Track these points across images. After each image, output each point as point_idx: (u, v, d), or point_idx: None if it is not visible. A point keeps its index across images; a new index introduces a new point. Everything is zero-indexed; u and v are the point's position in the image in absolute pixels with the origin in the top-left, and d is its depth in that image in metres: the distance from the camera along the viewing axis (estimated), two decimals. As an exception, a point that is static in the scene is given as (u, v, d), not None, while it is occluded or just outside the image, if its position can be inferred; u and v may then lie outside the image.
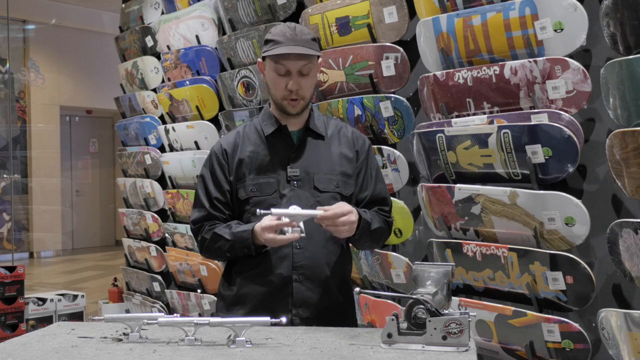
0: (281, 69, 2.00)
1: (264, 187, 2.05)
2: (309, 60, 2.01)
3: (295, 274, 2.01)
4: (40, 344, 1.68)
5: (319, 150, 2.10)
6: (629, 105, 2.13)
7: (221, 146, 2.12)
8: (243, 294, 2.06)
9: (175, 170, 4.51)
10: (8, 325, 4.85)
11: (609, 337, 2.20)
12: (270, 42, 2.02)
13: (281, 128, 2.10)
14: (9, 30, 9.44)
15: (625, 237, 2.14)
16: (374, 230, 2.05)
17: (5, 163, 9.79)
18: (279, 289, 2.02)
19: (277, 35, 2.01)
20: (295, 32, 2.00)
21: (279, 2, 3.58)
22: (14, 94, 10.14)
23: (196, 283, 4.32)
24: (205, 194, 2.11)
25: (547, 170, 2.39)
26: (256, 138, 2.11)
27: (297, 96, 2.02)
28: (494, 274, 2.54)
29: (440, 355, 1.51)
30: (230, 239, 2.01)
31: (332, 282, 2.06)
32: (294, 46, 1.97)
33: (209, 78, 4.18)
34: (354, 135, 2.16)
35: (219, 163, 2.10)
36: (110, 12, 8.89)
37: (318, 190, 2.04)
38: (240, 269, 2.08)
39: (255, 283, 2.04)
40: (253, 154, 2.08)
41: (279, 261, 2.02)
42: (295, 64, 1.99)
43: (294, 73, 2.00)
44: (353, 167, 2.11)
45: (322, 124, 2.14)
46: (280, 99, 2.04)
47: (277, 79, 2.02)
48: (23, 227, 10.27)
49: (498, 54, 2.57)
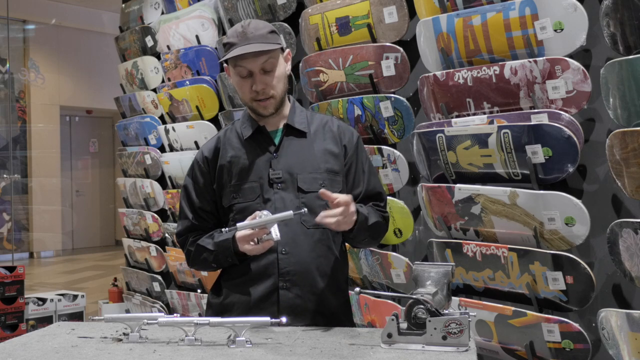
0: (242, 71, 1.91)
1: (246, 192, 1.96)
2: (268, 55, 1.89)
3: (282, 280, 1.91)
4: (40, 344, 1.68)
5: (302, 149, 1.99)
6: (629, 105, 2.13)
7: (202, 154, 2.04)
8: (229, 303, 1.98)
9: (175, 170, 4.51)
10: (8, 325, 4.85)
11: (609, 337, 2.20)
12: (226, 45, 1.92)
13: (260, 129, 2.00)
14: (9, 30, 9.44)
15: (625, 237, 2.14)
16: (372, 225, 1.95)
17: (5, 163, 9.79)
18: (265, 296, 1.93)
19: (231, 36, 1.91)
20: (248, 28, 1.89)
21: (279, 2, 3.58)
22: (14, 94, 10.15)
23: (196, 283, 4.32)
24: (189, 204, 2.03)
25: (547, 170, 2.39)
26: (236, 142, 2.02)
27: (265, 95, 1.92)
28: (494, 274, 2.54)
29: (440, 355, 1.51)
30: (214, 249, 1.95)
31: (324, 287, 1.95)
32: (248, 45, 1.86)
33: (209, 78, 4.18)
34: (340, 129, 2.04)
35: (201, 171, 2.03)
36: (110, 12, 8.90)
37: (302, 191, 1.94)
38: (227, 277, 2.01)
39: (241, 291, 1.96)
40: (234, 158, 1.99)
41: (265, 268, 1.93)
42: (255, 63, 1.89)
43: (256, 72, 1.90)
44: (340, 163, 2.00)
45: (304, 120, 2.03)
46: (249, 101, 1.96)
47: (241, 81, 1.93)
48: (23, 227, 10.28)
49: (498, 54, 2.57)
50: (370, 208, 2.00)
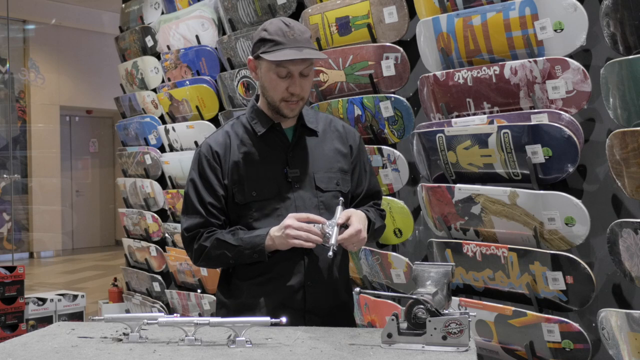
0: (283, 72, 1.90)
1: (264, 190, 1.95)
2: (310, 61, 1.92)
3: (309, 279, 1.95)
4: (40, 344, 1.67)
5: (315, 148, 2.02)
6: (629, 105, 2.13)
7: (211, 148, 2.00)
8: (252, 303, 1.97)
9: (175, 170, 4.51)
10: (8, 325, 4.85)
11: (609, 337, 2.20)
12: (268, 42, 1.88)
13: (274, 126, 2.00)
14: (9, 30, 9.43)
15: (625, 237, 2.14)
16: (377, 229, 2.05)
17: (5, 163, 9.79)
18: (292, 295, 1.95)
19: (276, 34, 1.88)
20: (294, 31, 1.88)
21: (279, 2, 3.58)
22: (14, 94, 10.15)
23: (196, 283, 4.32)
24: (198, 199, 1.98)
25: (547, 170, 2.39)
26: (248, 138, 2.00)
27: (299, 98, 1.94)
28: (494, 274, 2.54)
29: (440, 355, 1.51)
30: (238, 245, 1.91)
31: (340, 282, 2.04)
32: (298, 48, 1.86)
33: (209, 78, 4.18)
34: (345, 129, 2.09)
35: (210, 166, 1.98)
36: (110, 12, 8.91)
37: (320, 190, 1.97)
38: (245, 276, 1.99)
39: (265, 291, 1.96)
40: (247, 155, 1.98)
41: (291, 267, 1.94)
42: (299, 66, 1.90)
43: (296, 75, 1.90)
44: (349, 163, 2.05)
45: (313, 120, 2.05)
46: (278, 101, 1.94)
47: (278, 81, 1.91)
48: (23, 227, 10.28)
49: (498, 54, 2.57)
50: (373, 210, 2.07)
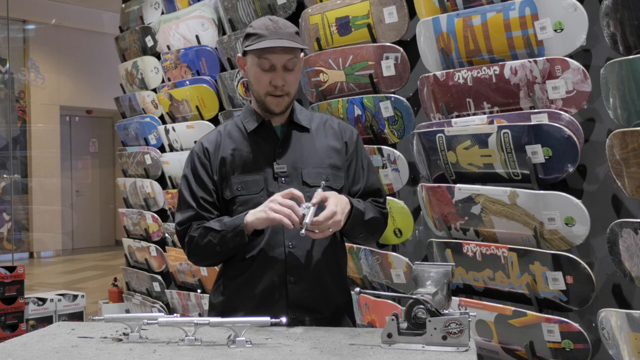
0: (265, 64, 1.91)
1: (250, 185, 1.97)
2: (294, 54, 1.93)
3: (290, 275, 1.93)
4: (40, 344, 1.67)
5: (305, 144, 2.01)
6: (629, 105, 2.13)
7: (202, 145, 2.04)
8: (234, 301, 1.98)
9: (175, 170, 4.51)
10: (8, 325, 4.85)
11: (609, 337, 2.20)
12: (252, 35, 1.92)
13: (264, 123, 2.02)
14: (9, 30, 9.44)
15: (625, 237, 2.14)
16: (368, 221, 1.96)
17: (5, 163, 9.79)
18: (272, 291, 1.94)
19: (259, 28, 1.92)
20: (278, 25, 1.91)
21: (279, 2, 3.58)
22: (14, 94, 10.15)
23: (196, 283, 4.32)
24: (191, 194, 2.01)
25: (547, 170, 2.39)
26: (239, 135, 2.02)
27: (282, 92, 1.94)
28: (494, 274, 2.54)
29: (440, 355, 1.51)
30: (221, 229, 1.91)
31: (328, 278, 1.99)
32: (279, 39, 1.89)
33: (209, 78, 4.18)
34: (341, 127, 2.08)
35: (201, 162, 2.02)
36: (110, 12, 8.90)
37: (307, 185, 1.95)
38: (230, 274, 2.00)
39: (246, 289, 1.95)
40: (236, 151, 2.00)
41: (271, 263, 1.93)
42: (281, 58, 1.91)
43: (279, 68, 1.91)
44: (342, 159, 2.03)
45: (306, 118, 2.06)
46: (263, 95, 1.96)
47: (261, 74, 1.93)
48: (23, 227, 10.28)
49: (498, 54, 2.57)
50: (368, 203, 2.01)
